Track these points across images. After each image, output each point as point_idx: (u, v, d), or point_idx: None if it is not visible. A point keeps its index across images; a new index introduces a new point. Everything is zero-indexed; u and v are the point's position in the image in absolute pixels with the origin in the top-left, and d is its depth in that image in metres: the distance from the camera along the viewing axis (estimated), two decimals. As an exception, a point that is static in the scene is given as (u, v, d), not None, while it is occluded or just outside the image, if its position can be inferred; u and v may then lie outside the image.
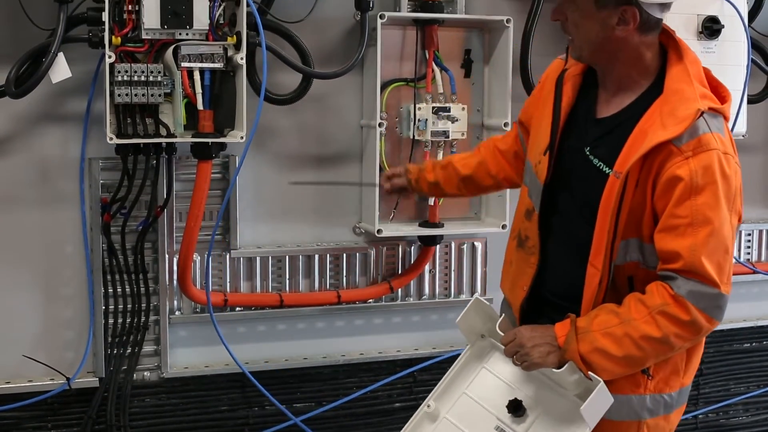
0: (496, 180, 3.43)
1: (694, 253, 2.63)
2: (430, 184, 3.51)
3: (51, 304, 4.24)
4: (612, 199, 2.71)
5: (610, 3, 2.71)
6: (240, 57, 3.90)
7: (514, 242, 3.11)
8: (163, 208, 4.19)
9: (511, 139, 3.39)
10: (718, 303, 2.68)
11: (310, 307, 4.58)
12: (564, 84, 2.95)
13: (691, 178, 2.63)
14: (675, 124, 2.66)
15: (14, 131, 4.09)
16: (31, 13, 3.90)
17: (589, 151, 2.83)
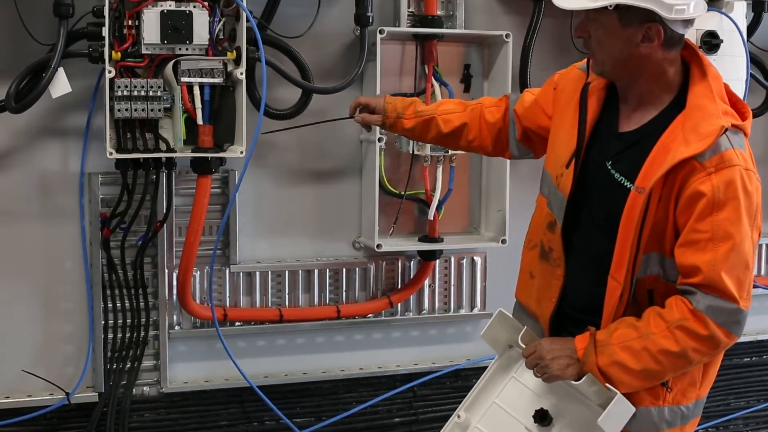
0: (469, 145, 3.40)
1: (714, 267, 2.63)
2: (405, 129, 3.43)
3: (50, 319, 4.24)
4: (635, 214, 2.72)
5: (634, 20, 2.70)
6: (240, 72, 3.90)
7: (534, 252, 3.09)
8: (163, 223, 4.19)
9: (500, 114, 3.35)
10: (737, 318, 2.68)
11: (309, 322, 4.57)
12: (589, 97, 2.94)
13: (713, 194, 2.63)
14: (698, 141, 2.66)
15: (14, 146, 4.09)
16: (32, 29, 3.91)
17: (611, 165, 2.83)
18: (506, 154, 3.39)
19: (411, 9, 4.53)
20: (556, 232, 2.96)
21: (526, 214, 3.20)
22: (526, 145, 3.32)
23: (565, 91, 3.07)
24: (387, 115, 3.40)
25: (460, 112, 3.38)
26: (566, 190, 2.91)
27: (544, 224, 3.02)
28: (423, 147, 4.42)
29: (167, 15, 3.80)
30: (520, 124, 3.29)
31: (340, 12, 4.39)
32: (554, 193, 2.98)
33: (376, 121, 3.43)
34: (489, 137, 3.35)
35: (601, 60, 2.80)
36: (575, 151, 2.90)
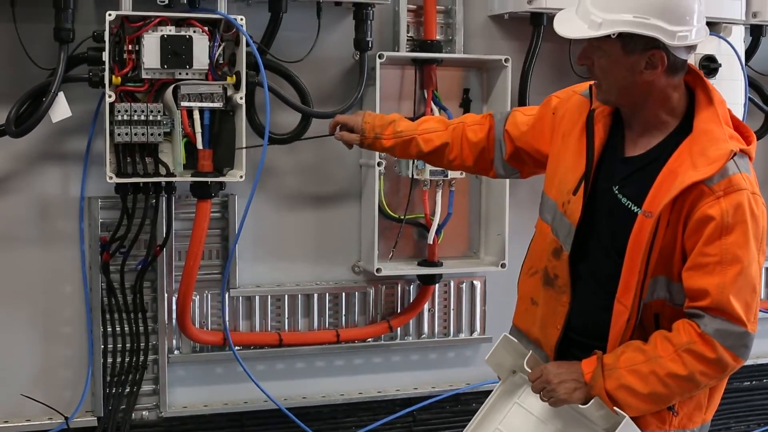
0: (450, 163, 3.36)
1: (723, 291, 2.63)
2: (384, 149, 3.39)
3: (50, 343, 4.24)
4: (643, 239, 2.71)
5: (638, 48, 2.69)
6: (239, 96, 3.92)
7: (536, 279, 3.06)
8: (163, 247, 4.19)
9: (484, 133, 3.30)
10: (744, 341, 2.67)
11: (309, 346, 4.57)
12: (595, 124, 2.92)
13: (722, 218, 2.63)
14: (706, 165, 2.66)
15: (14, 170, 4.10)
16: (32, 53, 3.93)
17: (618, 190, 2.82)
18: (490, 173, 3.35)
19: (410, 34, 4.56)
20: (562, 259, 2.94)
21: (525, 239, 3.19)
22: (514, 164, 3.28)
23: (567, 117, 3.05)
24: (365, 135, 3.36)
25: (441, 131, 3.34)
26: (575, 217, 2.89)
27: (549, 251, 3.00)
28: (422, 171, 4.43)
29: (167, 40, 3.81)
30: (511, 145, 3.25)
31: (339, 37, 4.41)
32: (560, 220, 2.95)
33: (354, 139, 3.39)
34: (471, 156, 3.32)
35: (606, 88, 2.79)
36: (583, 176, 2.89)
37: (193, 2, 3.98)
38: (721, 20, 4.68)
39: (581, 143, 2.93)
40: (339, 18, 4.41)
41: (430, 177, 4.43)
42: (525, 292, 3.14)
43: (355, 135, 3.38)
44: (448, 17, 4.63)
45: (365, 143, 3.37)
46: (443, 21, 4.63)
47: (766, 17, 4.83)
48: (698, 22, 2.72)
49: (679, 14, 2.67)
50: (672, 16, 2.66)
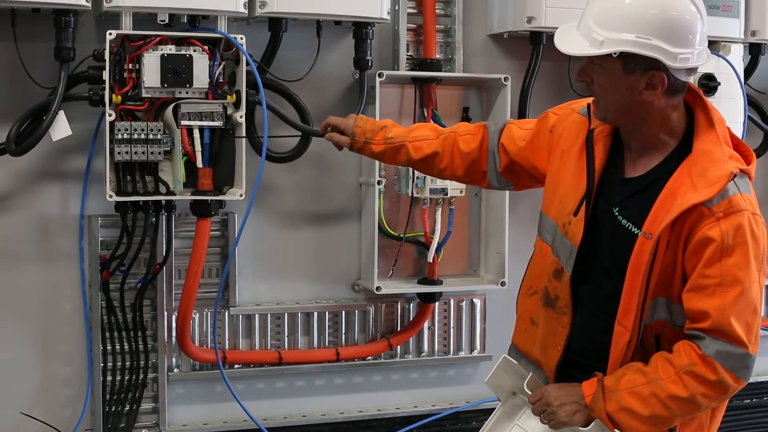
0: (440, 173, 3.35)
1: (723, 313, 2.62)
2: (374, 153, 3.37)
3: (49, 361, 4.24)
4: (643, 260, 2.70)
5: (638, 68, 2.68)
6: (239, 115, 3.93)
7: (536, 299, 3.05)
8: (162, 266, 4.20)
9: (476, 144, 3.28)
10: (746, 363, 2.66)
11: (308, 365, 4.56)
12: (595, 144, 2.91)
13: (722, 239, 2.62)
14: (706, 187, 2.65)
15: (14, 188, 4.10)
16: (33, 72, 3.94)
17: (618, 211, 2.81)
18: (483, 183, 3.33)
19: (410, 53, 4.57)
20: (563, 280, 2.92)
21: (525, 257, 3.18)
22: (508, 177, 3.26)
23: (565, 135, 3.03)
24: (355, 138, 3.35)
25: (432, 139, 3.31)
26: (576, 239, 2.87)
27: (549, 271, 2.98)
28: (422, 189, 4.43)
29: (167, 59, 3.82)
30: (506, 158, 3.22)
31: (339, 56, 4.42)
32: (561, 241, 2.94)
33: (344, 141, 3.38)
34: (462, 166, 3.29)
35: (605, 106, 2.78)
36: (584, 197, 2.88)
37: (194, 21, 4.00)
38: (720, 39, 4.70)
39: (581, 163, 2.92)
40: (339, 37, 4.42)
41: (429, 195, 4.44)
42: (524, 311, 3.12)
43: (346, 138, 3.37)
44: (447, 36, 4.65)
45: (355, 146, 3.36)
46: (443, 40, 4.64)
47: (764, 36, 4.85)
48: (700, 44, 2.72)
49: (681, 36, 2.67)
50: (674, 38, 2.65)
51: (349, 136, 3.36)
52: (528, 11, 4.41)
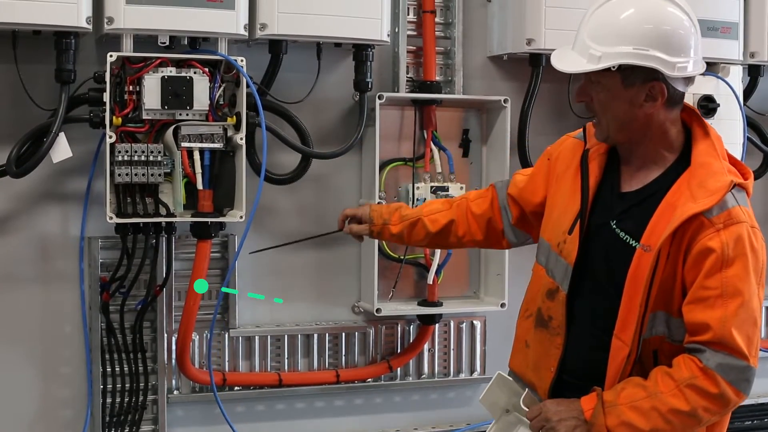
0: (460, 241, 3.37)
1: (725, 324, 2.62)
2: (393, 235, 3.41)
3: (49, 383, 4.23)
4: (642, 273, 2.70)
5: (638, 80, 2.71)
6: (240, 137, 3.93)
7: (530, 321, 3.05)
8: (162, 288, 4.19)
9: (487, 204, 3.32)
10: (747, 376, 2.65)
11: (309, 387, 4.56)
12: (590, 162, 2.93)
13: (722, 251, 2.63)
14: (706, 197, 2.66)
15: (15, 210, 4.11)
16: (33, 94, 3.95)
17: (615, 224, 2.82)
18: (503, 243, 3.35)
19: (410, 75, 4.58)
20: (557, 300, 2.93)
21: (525, 279, 3.18)
22: (522, 228, 3.28)
23: (560, 159, 3.06)
24: (373, 222, 3.40)
25: (445, 210, 3.37)
26: (571, 257, 2.88)
27: (543, 292, 2.99)
28: (422, 211, 4.44)
29: (168, 81, 3.83)
30: (515, 207, 3.26)
31: (339, 78, 4.43)
32: (556, 261, 2.95)
33: (363, 230, 3.43)
34: (479, 230, 3.33)
35: (605, 123, 2.79)
36: (579, 214, 2.89)
37: (194, 43, 4.01)
38: (719, 60, 4.71)
39: (576, 182, 2.94)
40: (339, 59, 4.43)
41: (429, 217, 4.44)
42: (520, 334, 3.13)
43: (364, 225, 3.42)
44: (447, 58, 4.66)
45: (374, 231, 3.41)
46: (443, 62, 4.66)
47: (763, 57, 4.87)
48: (695, 54, 2.74)
49: (677, 45, 2.70)
50: (671, 47, 2.68)
51: (367, 222, 3.41)
52: (527, 33, 4.43)
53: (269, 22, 4.02)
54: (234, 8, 3.91)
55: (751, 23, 4.85)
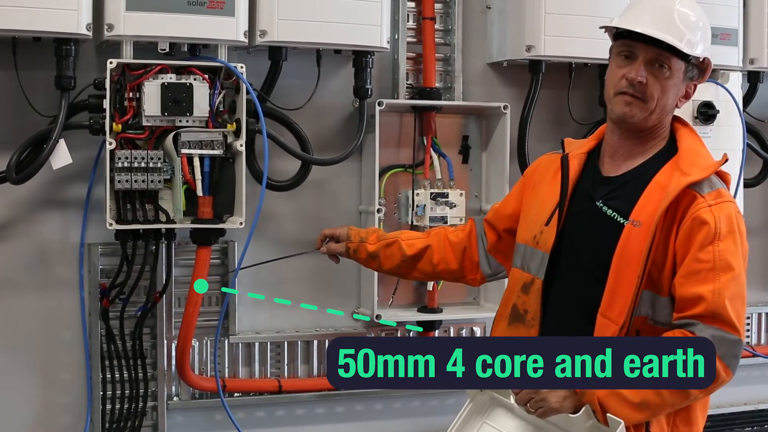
0: (434, 269, 3.41)
1: (719, 296, 2.66)
2: (369, 254, 3.44)
3: (48, 389, 4.23)
4: (632, 248, 2.74)
5: (689, 76, 2.85)
6: (240, 144, 3.94)
7: (504, 322, 3.10)
8: (162, 294, 4.20)
9: (465, 234, 3.38)
10: (736, 351, 2.68)
11: (309, 393, 4.55)
12: (570, 162, 2.98)
13: (715, 224, 2.69)
14: (699, 172, 2.75)
15: (15, 217, 4.11)
16: (33, 100, 3.95)
17: (602, 203, 2.86)
18: (477, 275, 3.39)
19: (409, 81, 4.59)
20: (533, 291, 2.96)
21: (524, 285, 3.20)
22: (497, 256, 3.32)
23: (537, 171, 3.16)
24: (350, 239, 3.44)
25: (423, 237, 3.43)
26: (548, 245, 2.92)
27: (518, 288, 3.03)
28: (422, 218, 4.44)
29: (168, 87, 3.84)
30: (491, 232, 3.31)
31: (339, 84, 4.44)
32: (532, 254, 2.99)
33: (340, 249, 3.47)
34: (455, 259, 3.37)
35: (652, 106, 2.82)
36: (558, 205, 2.93)
37: (194, 50, 4.01)
38: (718, 67, 4.70)
39: (555, 181, 3.00)
40: (338, 66, 4.44)
41: (429, 223, 4.43)
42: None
43: (341, 244, 3.47)
44: (447, 65, 4.67)
45: (351, 248, 3.45)
46: (442, 68, 4.66)
47: (763, 64, 4.87)
48: None
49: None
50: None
51: (344, 240, 3.46)
52: (527, 40, 4.43)
53: (269, 29, 4.03)
54: (234, 15, 3.91)
55: (751, 30, 4.86)
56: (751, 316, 5.31)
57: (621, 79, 2.83)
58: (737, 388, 4.76)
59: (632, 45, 2.81)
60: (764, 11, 4.86)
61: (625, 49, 2.83)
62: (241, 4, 3.93)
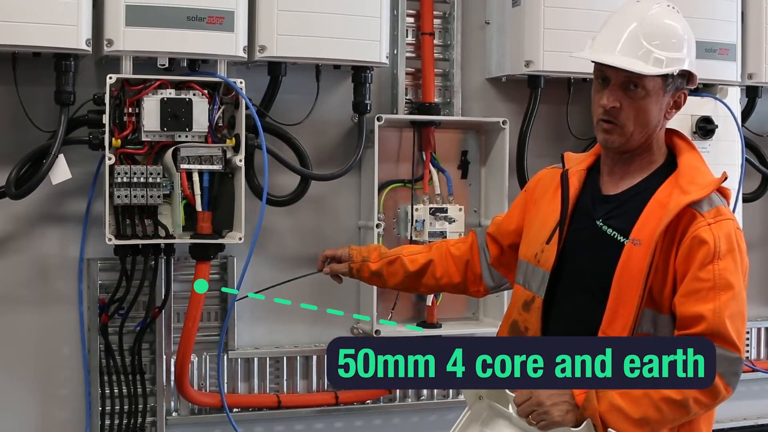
0: (438, 282, 3.40)
1: (719, 315, 2.65)
2: (372, 273, 3.43)
3: (47, 405, 4.22)
4: (635, 267, 2.73)
5: (672, 87, 2.81)
6: (239, 159, 3.94)
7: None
8: (161, 309, 4.19)
9: (467, 247, 3.37)
10: (736, 369, 2.69)
11: (308, 409, 4.55)
12: (570, 179, 2.98)
13: (714, 243, 2.68)
14: (698, 190, 2.74)
15: (14, 231, 4.11)
16: (33, 115, 3.96)
17: (602, 222, 2.86)
18: (481, 287, 3.38)
19: (408, 96, 4.60)
20: (533, 309, 2.96)
21: (524, 300, 3.20)
22: (500, 269, 3.32)
23: (538, 186, 3.14)
24: (353, 260, 3.43)
25: (425, 251, 3.41)
26: (548, 264, 2.92)
27: (519, 305, 3.03)
28: (421, 233, 4.45)
29: (167, 102, 3.84)
30: (494, 245, 3.31)
31: (338, 99, 4.44)
32: (533, 272, 2.99)
33: (342, 269, 3.46)
34: (457, 272, 3.37)
35: (632, 128, 2.80)
36: (558, 223, 2.93)
37: (193, 65, 4.02)
38: (717, 82, 4.73)
39: (555, 198, 2.99)
40: (338, 81, 4.44)
41: (428, 239, 4.43)
42: None
43: (343, 264, 3.45)
44: (446, 80, 4.68)
45: (354, 268, 3.43)
46: (441, 84, 4.67)
47: (761, 78, 4.88)
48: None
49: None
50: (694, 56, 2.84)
51: (346, 260, 3.45)
52: (526, 55, 4.44)
53: (268, 44, 4.03)
54: (233, 30, 3.92)
55: (749, 45, 4.87)
56: (751, 330, 5.31)
57: (598, 107, 2.84)
58: (737, 402, 4.75)
59: (604, 69, 2.81)
60: (762, 26, 4.88)
61: (600, 74, 2.84)
62: (240, 20, 3.94)
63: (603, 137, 2.85)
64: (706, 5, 4.63)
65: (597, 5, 4.27)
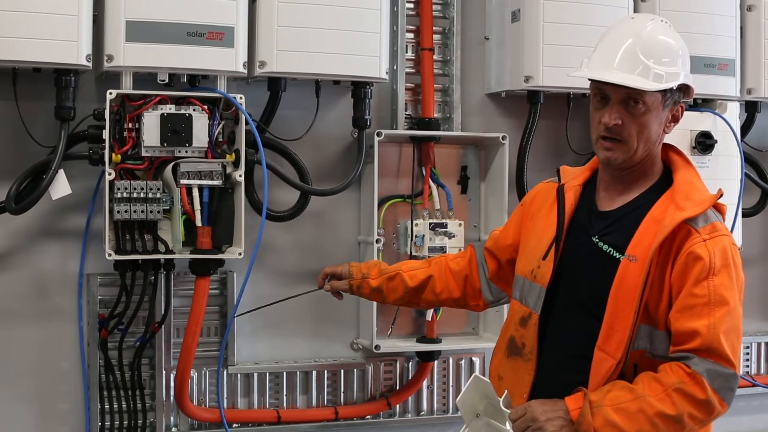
0: (437, 297, 3.42)
1: (714, 331, 2.66)
2: (372, 289, 3.44)
3: (46, 420, 4.21)
4: (630, 283, 2.74)
5: (671, 101, 2.83)
6: (239, 174, 3.94)
7: (502, 354, 3.11)
8: (161, 324, 4.19)
9: (465, 262, 3.39)
10: (731, 384, 2.70)
11: (307, 424, 4.54)
12: (566, 194, 2.99)
13: (709, 259, 2.69)
14: (693, 206, 2.75)
15: (14, 247, 4.11)
16: (33, 130, 3.96)
17: (598, 238, 2.87)
18: (480, 301, 3.40)
19: (408, 112, 4.60)
20: (530, 325, 2.97)
21: (524, 315, 3.20)
22: (498, 284, 3.34)
23: (535, 200, 3.15)
24: (353, 276, 3.44)
25: (424, 267, 3.43)
26: (545, 280, 2.93)
27: (516, 321, 3.04)
28: (421, 248, 4.45)
29: (167, 118, 3.85)
30: (492, 260, 3.32)
31: (338, 115, 4.45)
32: (530, 287, 3.00)
33: (343, 286, 3.48)
34: (457, 287, 3.38)
35: (634, 144, 2.82)
36: (554, 239, 2.94)
37: (193, 81, 4.03)
38: (716, 97, 4.73)
39: (552, 213, 3.00)
40: (337, 96, 4.45)
41: (428, 254, 4.43)
42: (493, 369, 3.19)
43: (344, 281, 3.47)
44: (445, 95, 4.68)
45: (354, 285, 3.45)
46: (441, 99, 4.68)
47: (760, 93, 4.88)
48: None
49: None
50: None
51: (346, 277, 3.46)
52: (525, 70, 4.45)
53: (268, 60, 4.04)
54: (233, 46, 3.93)
55: (748, 60, 4.87)
56: (750, 345, 5.30)
57: (599, 125, 2.85)
58: (736, 417, 4.73)
59: (603, 87, 2.82)
60: (761, 41, 4.88)
61: (598, 91, 2.85)
62: (240, 35, 3.95)
63: (605, 155, 2.86)
64: (706, 20, 4.64)
65: (596, 21, 4.29)
